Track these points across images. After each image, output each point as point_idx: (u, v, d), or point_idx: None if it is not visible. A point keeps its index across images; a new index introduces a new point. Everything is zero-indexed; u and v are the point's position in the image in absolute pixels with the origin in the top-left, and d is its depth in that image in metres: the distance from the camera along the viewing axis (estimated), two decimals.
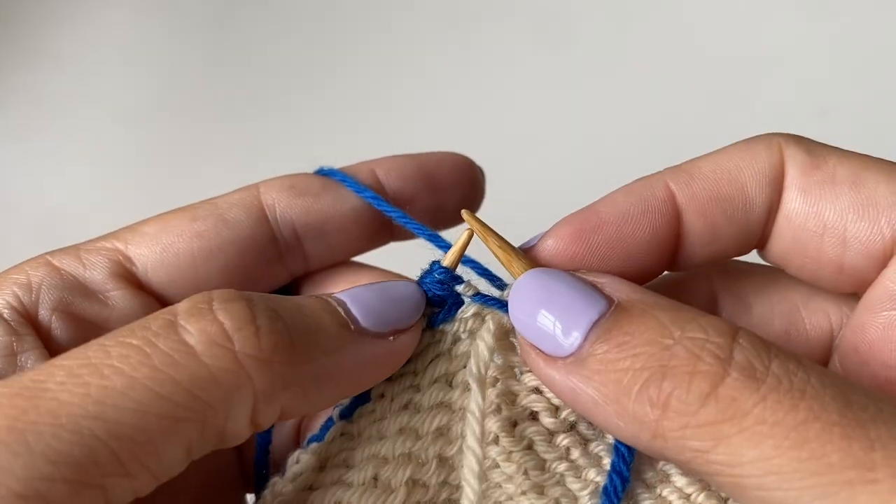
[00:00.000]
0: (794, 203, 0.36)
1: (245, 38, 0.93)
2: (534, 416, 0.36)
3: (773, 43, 0.87)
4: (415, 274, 0.38)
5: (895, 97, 0.81)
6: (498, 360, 0.36)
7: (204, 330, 0.30)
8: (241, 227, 0.41)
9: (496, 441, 0.36)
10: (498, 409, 0.36)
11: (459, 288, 0.37)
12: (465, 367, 0.36)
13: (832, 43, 0.86)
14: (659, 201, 0.36)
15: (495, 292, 0.37)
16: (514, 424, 0.36)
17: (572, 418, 0.35)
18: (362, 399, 0.37)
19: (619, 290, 0.33)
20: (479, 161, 0.46)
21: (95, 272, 0.39)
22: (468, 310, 0.37)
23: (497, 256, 0.36)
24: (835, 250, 0.35)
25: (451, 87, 0.85)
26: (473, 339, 0.36)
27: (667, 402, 0.29)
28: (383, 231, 0.44)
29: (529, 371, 0.35)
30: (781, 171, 0.36)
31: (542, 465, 0.36)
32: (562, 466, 0.35)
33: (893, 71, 0.82)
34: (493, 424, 0.35)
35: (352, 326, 0.34)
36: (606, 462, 0.35)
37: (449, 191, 0.45)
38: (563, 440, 0.35)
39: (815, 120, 0.80)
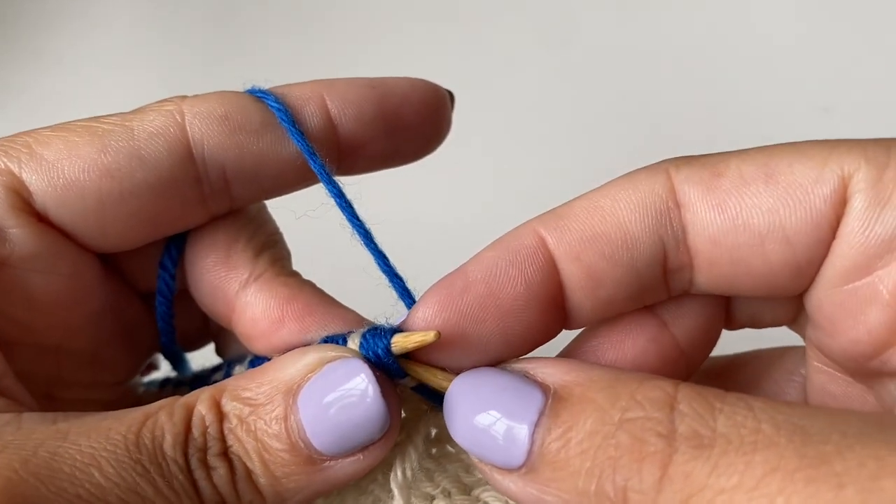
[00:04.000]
0: (712, 224, 0.31)
1: (245, 39, 0.93)
2: None
3: (773, 42, 0.87)
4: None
5: None
6: (442, 474, 0.34)
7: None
8: (160, 168, 0.35)
9: None
10: None
11: (403, 381, 0.33)
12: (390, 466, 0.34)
13: (833, 41, 0.85)
14: (528, 250, 0.33)
15: None
16: None
17: None
18: None
19: (552, 373, 0.31)
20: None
21: None
22: (407, 403, 0.34)
23: (427, 382, 0.33)
24: (782, 254, 0.31)
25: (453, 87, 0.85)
26: (407, 438, 0.34)
27: (625, 496, 0.27)
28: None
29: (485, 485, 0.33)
30: (670, 199, 0.32)
31: None
32: None
33: (895, 69, 0.82)
34: None
35: (314, 457, 0.32)
36: None
37: (409, 134, 0.39)
38: None
39: (815, 119, 0.80)
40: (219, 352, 0.44)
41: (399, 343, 0.32)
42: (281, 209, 0.42)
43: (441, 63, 0.87)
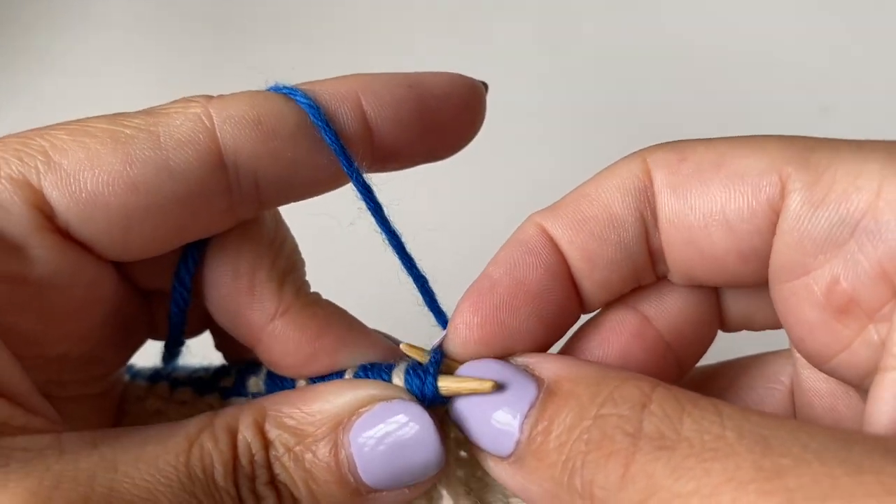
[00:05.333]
0: (669, 204, 0.33)
1: (246, 39, 0.93)
2: None
3: (773, 42, 0.87)
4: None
5: None
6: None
7: None
8: (189, 180, 0.32)
9: None
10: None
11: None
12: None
13: (833, 40, 0.85)
14: (536, 238, 0.34)
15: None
16: None
17: None
18: None
19: (548, 367, 0.32)
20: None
21: (13, 221, 0.31)
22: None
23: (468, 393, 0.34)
24: (725, 240, 0.32)
25: None
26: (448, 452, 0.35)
27: (591, 491, 0.28)
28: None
29: None
30: (647, 180, 0.34)
31: None
32: None
33: (895, 69, 0.82)
34: None
35: (362, 490, 0.32)
36: None
37: (445, 133, 0.37)
38: None
39: (816, 118, 0.80)
40: (218, 346, 0.43)
41: (450, 389, 0.33)
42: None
43: (441, 62, 0.87)
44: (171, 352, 0.42)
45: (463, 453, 0.36)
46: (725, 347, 0.39)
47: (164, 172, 0.32)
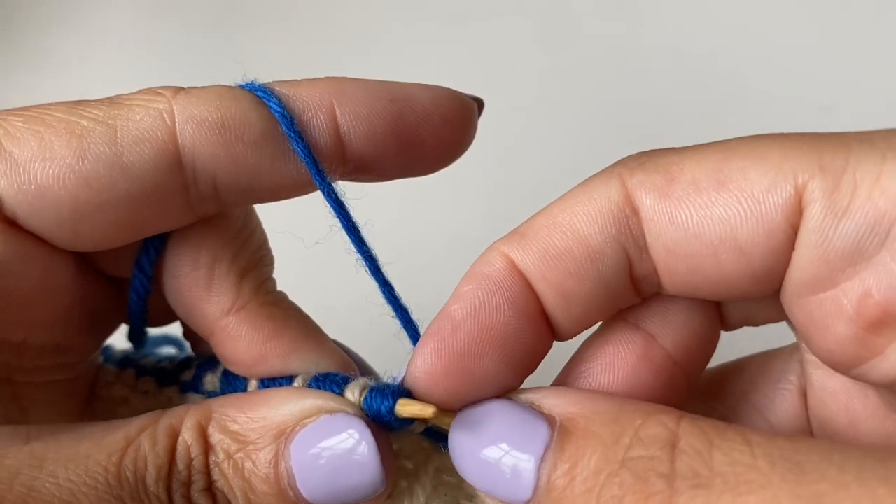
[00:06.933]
0: (666, 234, 0.30)
1: (246, 39, 0.93)
2: None
3: (773, 41, 0.86)
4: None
5: None
6: None
7: None
8: (144, 178, 0.31)
9: None
10: None
11: (411, 427, 0.32)
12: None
13: (834, 40, 0.85)
14: (502, 273, 0.31)
15: None
16: None
17: None
18: None
19: (557, 404, 0.30)
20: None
21: None
22: (408, 441, 0.34)
23: (435, 424, 0.32)
24: (737, 264, 0.30)
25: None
26: (415, 479, 0.34)
27: None
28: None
29: None
30: (627, 206, 0.31)
31: None
32: None
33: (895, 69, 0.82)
34: None
35: None
36: None
37: (425, 152, 0.35)
38: None
39: (816, 118, 0.80)
40: (186, 335, 0.42)
41: (398, 411, 0.31)
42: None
43: (441, 62, 0.87)
44: (135, 340, 0.41)
45: (450, 478, 0.34)
46: (722, 343, 0.37)
47: (118, 169, 0.31)
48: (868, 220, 0.27)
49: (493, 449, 0.29)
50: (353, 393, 0.32)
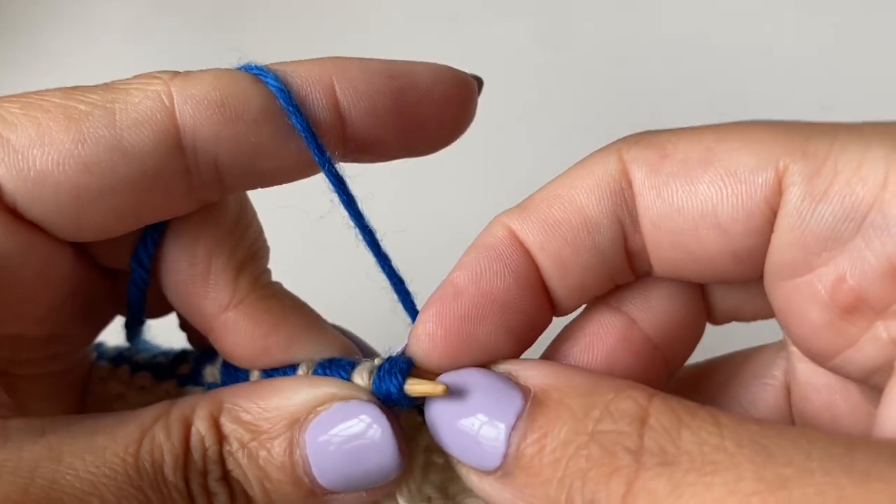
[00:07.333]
0: (653, 207, 0.31)
1: (247, 39, 0.93)
2: None
3: (773, 41, 0.86)
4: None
5: None
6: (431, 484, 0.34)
7: None
8: (144, 161, 0.31)
9: None
10: None
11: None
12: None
13: (834, 40, 0.85)
14: (504, 242, 0.32)
15: None
16: None
17: None
18: None
19: (533, 376, 0.30)
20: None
21: None
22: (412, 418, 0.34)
23: (430, 397, 0.32)
24: (717, 241, 0.30)
25: None
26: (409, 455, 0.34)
27: None
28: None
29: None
30: (624, 180, 0.31)
31: None
32: None
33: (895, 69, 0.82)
34: None
35: (317, 491, 0.31)
36: None
37: (426, 130, 0.35)
38: None
39: (816, 118, 0.79)
40: (182, 326, 0.42)
41: (409, 391, 0.32)
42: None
43: (437, 57, 0.87)
44: (132, 331, 0.41)
45: (439, 459, 0.35)
46: (712, 340, 0.38)
47: (118, 153, 0.30)
48: (844, 205, 0.28)
49: (466, 415, 0.30)
50: (361, 377, 0.33)
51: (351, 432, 0.31)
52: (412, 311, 0.36)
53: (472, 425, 0.30)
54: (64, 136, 0.30)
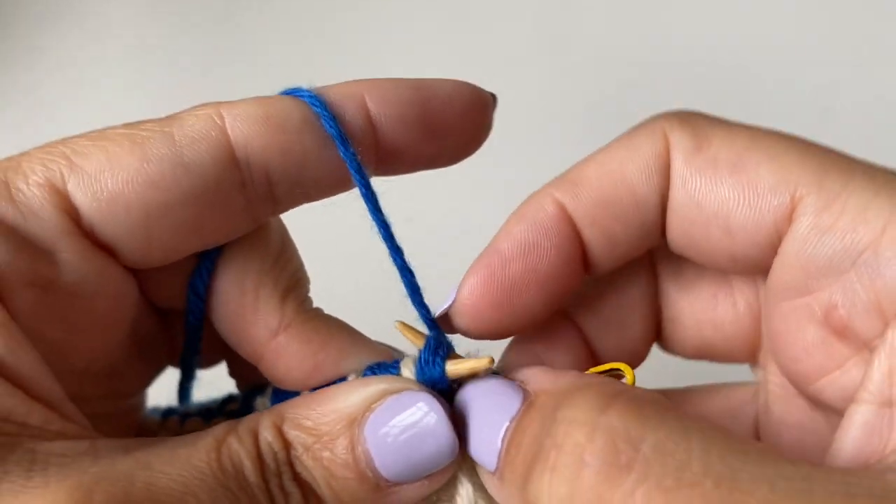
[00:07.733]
0: (677, 194, 0.34)
1: (247, 39, 0.93)
2: None
3: (773, 42, 0.87)
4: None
5: None
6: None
7: None
8: (205, 175, 0.33)
9: None
10: None
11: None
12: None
13: (834, 40, 0.85)
14: (552, 220, 0.34)
15: None
16: None
17: None
18: None
19: (536, 380, 0.32)
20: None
21: (44, 226, 0.32)
22: None
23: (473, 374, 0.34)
24: (722, 241, 0.33)
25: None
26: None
27: None
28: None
29: None
30: (668, 159, 0.34)
31: None
32: None
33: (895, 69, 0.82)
34: None
35: (381, 484, 0.32)
36: None
37: (451, 138, 0.37)
38: None
39: (816, 118, 0.80)
40: (232, 373, 0.44)
41: (452, 371, 0.34)
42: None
43: (441, 62, 0.87)
44: (186, 375, 0.42)
45: None
46: (688, 370, 0.40)
47: (180, 168, 0.33)
48: (845, 242, 0.31)
49: (476, 417, 0.32)
50: (408, 370, 0.34)
51: (408, 422, 0.32)
52: (421, 307, 0.36)
53: (478, 428, 0.32)
54: (130, 159, 0.32)
